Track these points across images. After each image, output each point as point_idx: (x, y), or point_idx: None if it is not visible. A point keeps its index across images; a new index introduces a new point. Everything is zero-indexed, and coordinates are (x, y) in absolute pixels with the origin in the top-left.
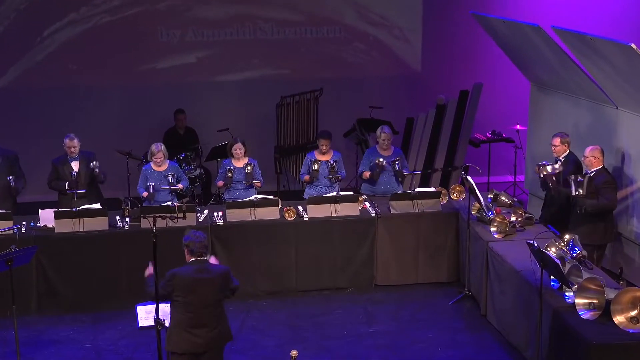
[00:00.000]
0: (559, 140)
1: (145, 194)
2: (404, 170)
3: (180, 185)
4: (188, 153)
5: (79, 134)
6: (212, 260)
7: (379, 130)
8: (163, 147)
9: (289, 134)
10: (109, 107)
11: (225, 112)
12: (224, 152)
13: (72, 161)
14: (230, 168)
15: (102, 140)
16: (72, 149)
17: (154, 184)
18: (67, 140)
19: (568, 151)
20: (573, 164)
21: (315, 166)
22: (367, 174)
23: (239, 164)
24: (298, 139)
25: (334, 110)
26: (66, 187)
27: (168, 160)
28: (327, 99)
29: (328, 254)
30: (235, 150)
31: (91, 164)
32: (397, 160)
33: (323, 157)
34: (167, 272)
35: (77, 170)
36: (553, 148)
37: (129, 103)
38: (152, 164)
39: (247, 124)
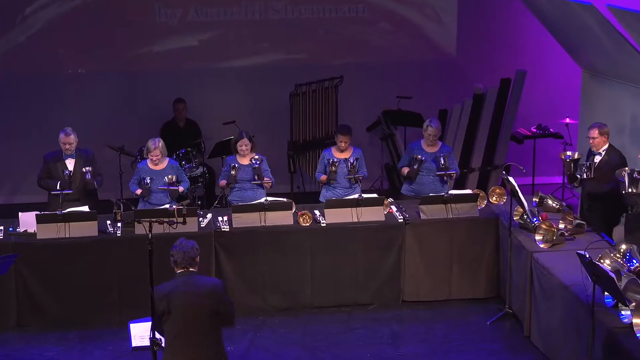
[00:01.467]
0: (597, 131)
1: (138, 191)
2: (451, 171)
3: (180, 188)
4: (189, 149)
5: (62, 126)
6: None
7: (425, 123)
8: (161, 143)
9: (304, 128)
10: (99, 96)
11: (231, 103)
12: (229, 148)
13: (67, 159)
14: (234, 165)
15: (91, 134)
16: (68, 146)
17: (149, 178)
18: (62, 136)
19: (608, 144)
20: (617, 156)
21: (333, 167)
22: (405, 169)
23: (245, 161)
24: (314, 134)
25: (356, 101)
26: (57, 187)
27: (167, 158)
28: (348, 88)
29: (348, 265)
30: (241, 146)
31: (83, 169)
32: (444, 158)
33: (342, 154)
34: (155, 289)
35: (72, 170)
36: (591, 141)
37: (121, 91)
38: (148, 162)
39: (256, 116)
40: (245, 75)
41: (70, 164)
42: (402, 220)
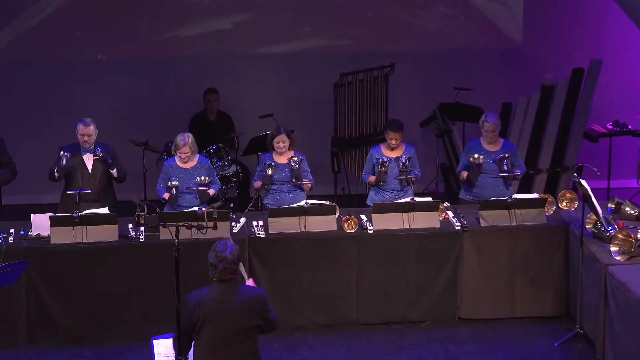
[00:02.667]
0: None
1: (166, 195)
2: (516, 171)
3: (211, 191)
4: (220, 145)
5: (79, 118)
6: (250, 283)
7: (481, 119)
8: (191, 138)
9: (349, 122)
10: (121, 86)
11: (268, 94)
12: (265, 145)
13: (84, 153)
14: (270, 164)
15: (112, 128)
16: (87, 138)
17: (178, 182)
18: (80, 126)
19: None
20: None
21: (383, 167)
22: (464, 174)
23: (282, 159)
24: (362, 129)
25: (409, 92)
26: (59, 166)
27: (198, 155)
28: (400, 78)
29: (399, 278)
30: (278, 142)
31: (97, 150)
32: (507, 157)
33: (392, 153)
34: (189, 296)
35: (91, 167)
36: None
37: (145, 80)
38: (176, 159)
39: (295, 109)
40: (284, 63)
41: (88, 159)
42: (459, 228)
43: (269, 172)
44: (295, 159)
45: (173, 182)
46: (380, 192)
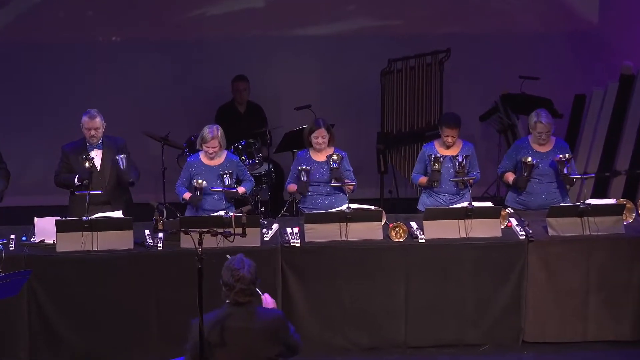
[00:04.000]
0: None
1: (187, 195)
2: (571, 174)
3: (241, 189)
4: (250, 140)
5: (88, 109)
6: (267, 300)
7: (533, 117)
8: (220, 131)
9: (398, 116)
10: (136, 72)
11: (306, 82)
12: (302, 140)
13: (91, 149)
14: (304, 168)
15: (126, 119)
16: (93, 132)
17: (204, 181)
18: (85, 119)
19: None
20: None
21: (437, 164)
22: (510, 177)
23: (321, 157)
24: (412, 123)
25: (467, 82)
26: (76, 181)
27: (226, 152)
28: (457, 65)
29: (453, 294)
30: (317, 138)
31: (116, 157)
32: (562, 159)
33: (448, 150)
34: (194, 322)
35: (100, 164)
36: None
37: (164, 66)
38: (201, 155)
39: (336, 100)
40: (324, 47)
41: (96, 156)
42: (524, 238)
43: (304, 178)
44: (335, 157)
45: (199, 181)
46: (433, 195)
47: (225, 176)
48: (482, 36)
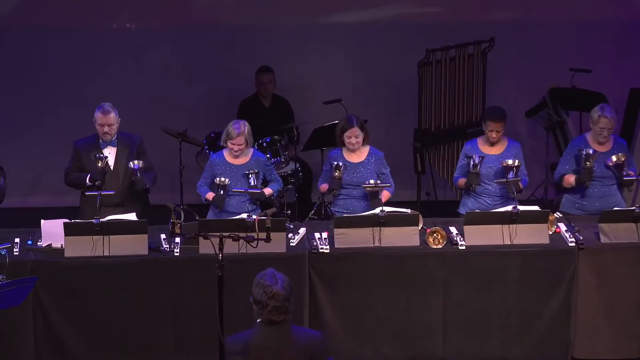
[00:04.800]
0: None
1: (210, 195)
2: (631, 174)
3: (267, 190)
4: (276, 137)
5: (100, 102)
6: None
7: (596, 111)
8: (247, 127)
9: (437, 111)
10: (152, 62)
11: (336, 74)
12: (332, 137)
13: (105, 147)
14: (337, 164)
15: (140, 114)
16: (107, 129)
17: (227, 178)
18: (98, 114)
19: None
20: None
21: (476, 166)
22: (570, 178)
23: (354, 157)
24: (452, 119)
25: (512, 74)
26: (87, 181)
27: (252, 149)
28: (501, 56)
29: (496, 306)
30: (349, 138)
31: (130, 163)
32: (616, 161)
33: (492, 149)
34: (228, 341)
35: (113, 163)
36: None
37: (182, 55)
38: (225, 153)
39: (370, 93)
40: (357, 36)
41: (110, 154)
42: (574, 245)
43: (337, 174)
44: (372, 157)
45: (222, 180)
46: (474, 198)
47: (250, 176)
48: (528, 24)
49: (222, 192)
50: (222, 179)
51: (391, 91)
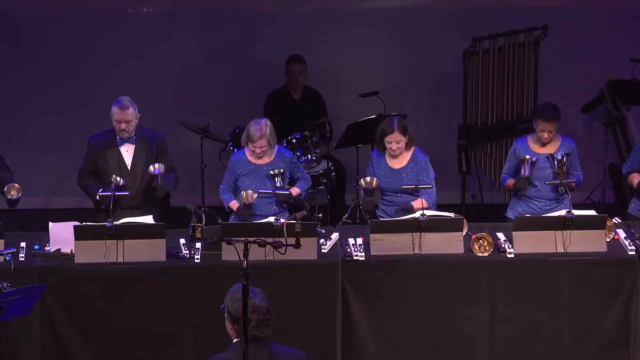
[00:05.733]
0: None
1: (234, 204)
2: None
3: (295, 190)
4: (306, 133)
5: (116, 95)
6: None
7: None
8: (269, 127)
9: (484, 105)
10: (172, 50)
11: (373, 64)
12: (368, 133)
13: (122, 144)
14: (371, 180)
15: (159, 107)
16: (124, 125)
17: (255, 193)
18: (115, 110)
19: None
20: None
21: (525, 167)
22: (635, 177)
23: (397, 162)
24: (500, 114)
25: (567, 65)
26: (97, 196)
27: (276, 146)
28: (555, 45)
29: (548, 319)
30: (390, 143)
31: (150, 167)
32: None
33: (543, 148)
34: None
35: (131, 163)
36: None
37: (205, 43)
38: (247, 152)
39: (410, 85)
40: (395, 22)
41: (127, 151)
42: (634, 253)
43: (373, 185)
44: (420, 160)
45: (249, 193)
46: (524, 201)
47: (276, 178)
48: (585, 10)
49: (249, 202)
50: (250, 191)
51: (433, 83)
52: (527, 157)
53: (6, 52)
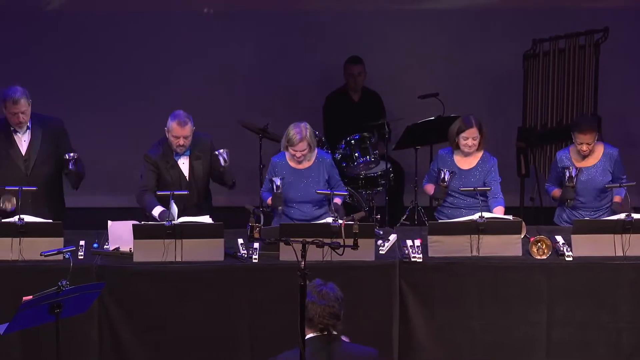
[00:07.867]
0: None
1: (270, 200)
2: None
3: (336, 200)
4: (365, 134)
5: (176, 94)
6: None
7: None
8: (309, 130)
9: (544, 108)
10: (231, 50)
11: (432, 65)
12: (427, 135)
13: (178, 158)
14: (445, 171)
15: (218, 107)
16: (182, 142)
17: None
18: (173, 125)
19: None
20: None
21: (571, 180)
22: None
23: (465, 163)
24: (560, 117)
25: (629, 68)
26: (158, 216)
27: (318, 150)
28: (617, 48)
29: (607, 324)
30: (467, 139)
31: (216, 152)
32: None
33: (584, 162)
34: None
35: (188, 175)
36: None
37: (263, 42)
38: (287, 157)
39: (469, 87)
40: (455, 24)
41: (183, 164)
42: None
43: (444, 177)
44: (490, 163)
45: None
46: (570, 210)
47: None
48: None
49: (278, 191)
50: (276, 180)
51: (493, 85)
52: (570, 168)
53: (67, 51)
